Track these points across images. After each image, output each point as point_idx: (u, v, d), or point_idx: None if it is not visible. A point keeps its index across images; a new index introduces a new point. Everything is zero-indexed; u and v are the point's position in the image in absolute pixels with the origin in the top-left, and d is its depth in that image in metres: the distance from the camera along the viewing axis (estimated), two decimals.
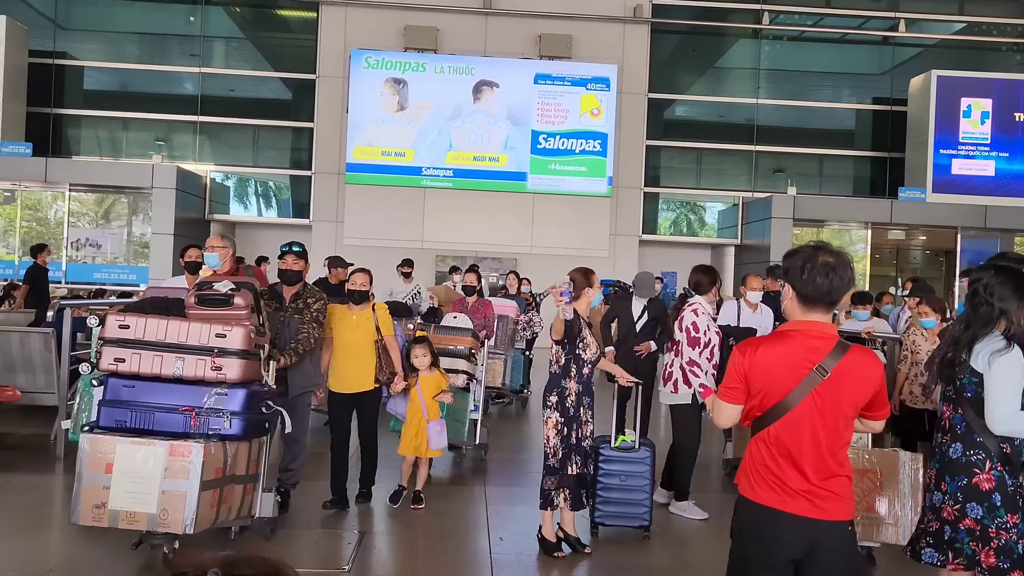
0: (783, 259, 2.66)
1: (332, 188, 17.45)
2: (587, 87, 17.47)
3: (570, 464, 4.63)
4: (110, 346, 4.13)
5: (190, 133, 18.15)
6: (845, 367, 2.46)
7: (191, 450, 3.85)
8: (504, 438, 8.20)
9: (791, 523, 2.47)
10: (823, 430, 2.48)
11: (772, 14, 18.70)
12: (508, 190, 17.37)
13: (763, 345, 2.56)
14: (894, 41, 18.97)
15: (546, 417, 4.67)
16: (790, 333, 2.56)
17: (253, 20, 19.23)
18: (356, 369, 5.33)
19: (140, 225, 17.57)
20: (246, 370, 4.16)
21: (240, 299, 4.33)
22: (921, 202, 16.96)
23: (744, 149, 18.87)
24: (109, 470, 3.84)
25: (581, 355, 4.67)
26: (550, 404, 4.66)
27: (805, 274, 2.51)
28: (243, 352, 4.14)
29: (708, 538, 5.22)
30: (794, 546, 2.47)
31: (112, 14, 18.59)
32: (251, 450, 4.27)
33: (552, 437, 4.63)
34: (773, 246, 16.27)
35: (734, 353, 2.61)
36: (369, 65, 17.19)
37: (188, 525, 3.80)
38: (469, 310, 7.56)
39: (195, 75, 18.09)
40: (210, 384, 4.08)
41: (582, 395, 4.68)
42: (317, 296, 5.19)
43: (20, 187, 16.76)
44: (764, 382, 2.50)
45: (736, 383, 2.58)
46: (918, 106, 17.87)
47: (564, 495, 4.62)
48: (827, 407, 2.47)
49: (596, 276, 4.84)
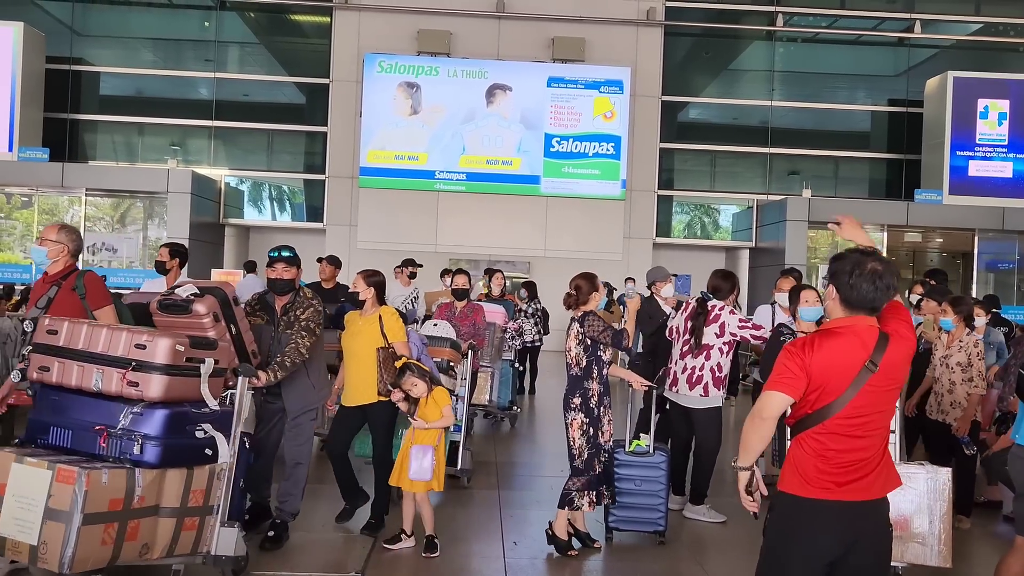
0: (830, 261, 2.71)
1: (346, 192, 17.49)
2: (600, 90, 17.44)
3: (596, 464, 4.72)
4: (38, 353, 3.74)
5: (205, 138, 18.25)
6: (890, 359, 2.55)
7: (74, 477, 3.30)
8: (514, 443, 8.18)
9: (841, 511, 2.54)
10: (874, 421, 2.58)
11: (786, 16, 18.61)
12: (521, 193, 17.36)
13: (819, 343, 2.57)
14: (910, 42, 18.83)
15: (570, 419, 4.73)
16: (839, 331, 2.60)
17: (267, 25, 19.33)
18: (358, 380, 4.95)
19: (155, 229, 17.68)
20: (169, 388, 3.60)
21: (200, 306, 3.91)
22: (938, 204, 16.82)
23: (758, 151, 18.78)
24: (2, 491, 3.41)
25: (602, 356, 4.77)
26: (574, 406, 4.71)
27: (851, 279, 2.57)
28: (166, 367, 3.58)
29: (723, 544, 5.18)
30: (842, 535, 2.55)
31: (128, 20, 18.74)
32: (189, 479, 3.67)
33: (578, 439, 4.69)
34: (788, 249, 16.18)
35: (787, 353, 2.61)
36: (382, 69, 17.23)
37: (65, 563, 3.24)
38: (457, 316, 6.82)
39: (210, 80, 18.20)
40: (129, 402, 3.61)
41: (603, 395, 4.76)
42: (306, 304, 4.64)
43: (37, 192, 16.92)
44: (822, 380, 2.54)
45: (796, 376, 2.55)
46: (934, 107, 17.72)
47: (589, 497, 4.69)
48: (878, 398, 2.56)
49: (600, 280, 4.96)
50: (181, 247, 6.20)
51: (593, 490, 4.70)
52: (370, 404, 4.91)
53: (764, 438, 2.62)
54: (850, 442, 2.55)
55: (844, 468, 2.55)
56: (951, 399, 5.58)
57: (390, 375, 4.82)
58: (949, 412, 5.58)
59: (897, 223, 17.01)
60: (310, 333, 4.56)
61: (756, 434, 2.61)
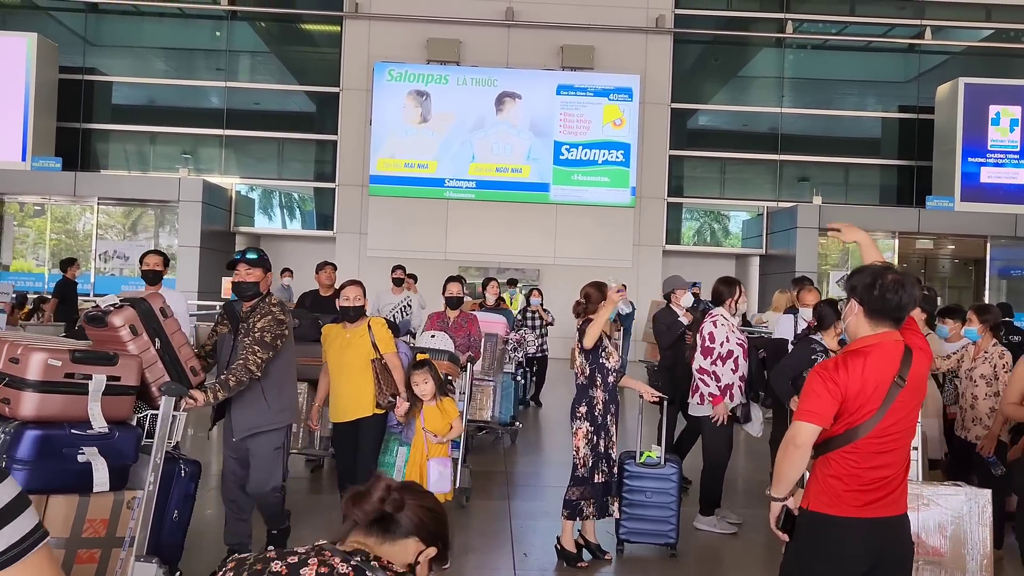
0: (849, 276, 2.72)
1: (356, 200, 17.54)
2: (609, 97, 17.45)
3: (597, 473, 4.69)
4: None
5: (216, 146, 18.35)
6: (915, 372, 2.57)
7: None
8: (523, 452, 8.16)
9: (871, 528, 2.54)
10: (901, 437, 2.59)
11: (796, 23, 18.59)
12: (531, 201, 17.37)
13: (852, 365, 2.55)
14: (920, 48, 18.77)
15: (576, 428, 4.73)
16: (868, 349, 2.59)
17: (278, 34, 19.44)
18: (351, 394, 4.77)
19: (167, 237, 17.77)
20: (43, 406, 3.25)
21: (116, 318, 3.61)
22: (950, 211, 16.74)
23: (768, 158, 18.74)
24: None
25: (605, 364, 4.76)
26: (580, 415, 4.72)
27: (876, 290, 2.57)
28: (39, 383, 3.24)
29: (737, 556, 5.15)
30: (870, 551, 2.54)
31: (140, 30, 18.87)
32: (83, 507, 3.34)
33: (582, 447, 4.68)
34: (798, 256, 16.13)
35: (819, 378, 2.57)
36: (392, 78, 17.30)
37: None
38: (450, 327, 6.41)
39: (221, 89, 18.30)
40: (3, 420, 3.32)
41: (608, 403, 4.75)
42: (264, 311, 4.21)
43: (50, 200, 17.05)
44: (857, 402, 2.53)
45: (828, 404, 2.53)
46: (945, 114, 17.65)
47: (592, 506, 4.68)
48: (906, 414, 2.58)
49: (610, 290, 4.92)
50: (167, 256, 5.84)
51: (596, 499, 4.68)
52: (365, 418, 4.80)
53: (798, 467, 2.57)
54: (879, 459, 2.55)
55: (873, 486, 2.55)
56: (973, 415, 5.19)
57: (389, 387, 4.73)
58: (971, 428, 5.20)
59: (908, 230, 16.93)
60: (264, 347, 4.09)
61: (789, 462, 2.56)
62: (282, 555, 1.60)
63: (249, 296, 4.28)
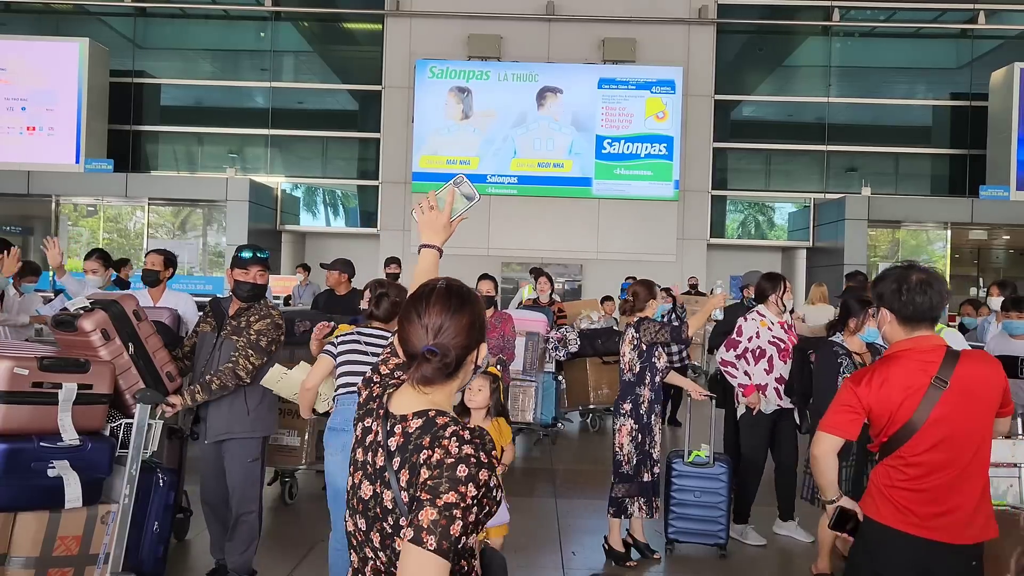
0: (873, 285, 2.63)
1: (399, 197, 17.66)
2: (652, 90, 17.29)
3: (644, 471, 4.68)
4: None
5: (262, 146, 18.62)
6: (964, 374, 2.41)
7: None
8: (571, 450, 8.16)
9: (920, 548, 2.42)
10: (960, 447, 2.42)
11: (843, 10, 18.21)
12: (573, 196, 17.31)
13: (878, 373, 2.49)
14: (973, 33, 18.25)
15: (619, 425, 4.73)
16: (899, 354, 2.52)
17: (321, 34, 19.63)
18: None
19: (215, 235, 18.10)
20: (8, 418, 3.05)
21: (86, 322, 3.42)
22: (1005, 200, 16.28)
23: (815, 149, 18.41)
24: None
25: (656, 363, 4.74)
26: (624, 411, 4.71)
27: (904, 295, 2.49)
28: (5, 394, 3.04)
29: (790, 557, 5.08)
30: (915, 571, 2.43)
31: (187, 32, 19.21)
32: (54, 524, 3.15)
33: (626, 444, 4.70)
34: (847, 249, 15.84)
35: (845, 389, 2.55)
36: (434, 75, 17.36)
37: None
38: None
39: (266, 89, 18.56)
40: None
41: (653, 403, 4.73)
42: (264, 313, 3.96)
43: (102, 201, 17.48)
44: (887, 409, 2.45)
45: (853, 414, 2.49)
46: (1000, 100, 17.15)
47: (639, 503, 4.67)
48: (958, 419, 2.41)
49: (658, 288, 4.90)
50: (173, 254, 5.24)
51: (644, 497, 4.67)
52: None
53: (825, 474, 2.55)
54: (935, 474, 2.42)
55: (924, 497, 2.43)
56: None
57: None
58: None
59: (961, 220, 16.50)
60: (258, 352, 3.84)
61: (817, 471, 2.58)
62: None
63: (251, 298, 4.00)
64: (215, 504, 4.16)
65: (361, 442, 1.71)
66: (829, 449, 2.53)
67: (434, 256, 2.25)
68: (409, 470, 1.57)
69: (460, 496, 1.49)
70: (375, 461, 1.65)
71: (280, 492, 5.80)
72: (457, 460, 1.52)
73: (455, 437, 1.56)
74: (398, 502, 1.57)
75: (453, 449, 1.54)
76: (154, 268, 4.90)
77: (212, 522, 4.24)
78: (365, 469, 1.67)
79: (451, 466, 1.52)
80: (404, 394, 1.70)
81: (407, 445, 1.60)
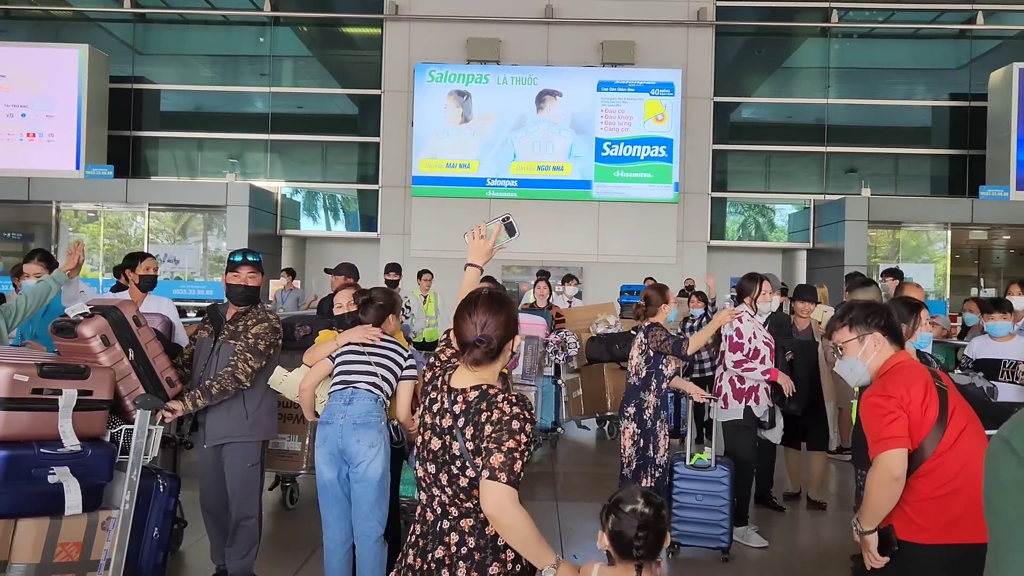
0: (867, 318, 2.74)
1: (399, 201, 17.67)
2: (651, 93, 17.30)
3: (644, 476, 4.65)
4: None
5: (261, 151, 18.64)
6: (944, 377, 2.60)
7: None
8: (575, 452, 8.14)
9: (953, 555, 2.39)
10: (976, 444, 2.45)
11: (841, 11, 18.22)
12: (573, 199, 17.31)
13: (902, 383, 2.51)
14: (972, 34, 18.26)
15: (623, 427, 4.74)
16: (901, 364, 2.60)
17: (320, 38, 19.65)
18: None
19: (215, 240, 18.12)
20: (9, 425, 3.04)
21: (86, 328, 3.41)
22: (1005, 200, 16.28)
23: (814, 151, 18.41)
24: None
25: (663, 369, 4.72)
26: (628, 414, 4.74)
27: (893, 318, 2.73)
28: (5, 401, 3.02)
29: (794, 559, 5.07)
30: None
31: (186, 38, 19.23)
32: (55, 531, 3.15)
33: (628, 447, 4.69)
34: (847, 250, 15.84)
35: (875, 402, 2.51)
36: (433, 79, 17.37)
37: None
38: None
39: (265, 94, 18.58)
40: None
41: (659, 409, 4.71)
42: (261, 316, 4.01)
43: (103, 207, 17.49)
44: (915, 417, 2.47)
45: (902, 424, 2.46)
46: (999, 101, 17.15)
47: None
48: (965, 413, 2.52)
49: (671, 292, 4.87)
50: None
51: None
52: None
53: (895, 500, 2.47)
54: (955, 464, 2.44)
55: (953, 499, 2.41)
56: None
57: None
58: None
59: (961, 221, 16.50)
60: (257, 356, 3.89)
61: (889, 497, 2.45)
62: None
63: (247, 302, 4.03)
64: (215, 509, 4.16)
65: (428, 409, 2.28)
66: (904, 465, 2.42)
67: (476, 273, 2.79)
68: (473, 427, 2.14)
69: (517, 443, 2.09)
70: (442, 423, 2.21)
71: (281, 497, 5.82)
72: (511, 417, 2.11)
73: (506, 402, 2.15)
74: (463, 451, 2.15)
75: (506, 409, 2.13)
76: (154, 272, 5.07)
77: (212, 527, 4.23)
78: (434, 429, 2.24)
79: (507, 422, 2.10)
80: (461, 373, 2.26)
81: (469, 410, 2.17)
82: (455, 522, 2.20)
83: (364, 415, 3.73)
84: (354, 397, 3.75)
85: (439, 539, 2.22)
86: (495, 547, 2.19)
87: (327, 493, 3.79)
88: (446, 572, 2.20)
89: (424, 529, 2.28)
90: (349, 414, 3.71)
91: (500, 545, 2.20)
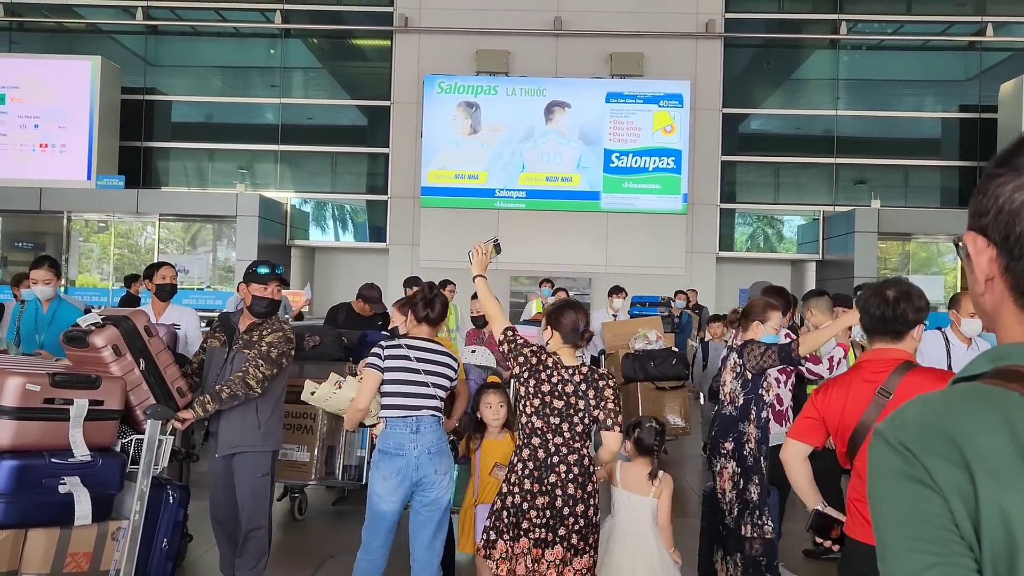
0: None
1: (408, 212, 17.71)
2: (660, 104, 17.32)
3: (744, 525, 3.90)
4: None
5: (271, 162, 18.73)
6: (910, 386, 2.42)
7: None
8: None
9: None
10: None
11: (850, 23, 18.23)
12: (581, 210, 17.32)
13: (833, 382, 2.68)
14: (981, 46, 18.24)
15: (719, 468, 4.02)
16: (858, 363, 2.68)
17: (330, 50, 19.77)
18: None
19: (224, 250, 18.19)
20: (20, 434, 3.03)
21: (98, 338, 3.42)
22: None
23: (824, 162, 18.39)
24: None
25: (763, 395, 4.04)
26: (725, 451, 3.98)
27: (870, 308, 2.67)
28: (16, 410, 3.01)
29: None
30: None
31: (197, 50, 19.38)
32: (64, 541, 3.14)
33: (728, 491, 3.95)
34: (857, 261, 15.78)
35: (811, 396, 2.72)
36: (442, 90, 17.44)
37: None
38: (486, 341, 6.05)
39: (276, 106, 18.68)
40: None
41: (761, 443, 3.99)
42: (275, 327, 4.00)
43: (114, 217, 17.60)
44: (838, 415, 2.55)
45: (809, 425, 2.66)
46: (1009, 112, 17.10)
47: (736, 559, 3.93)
48: None
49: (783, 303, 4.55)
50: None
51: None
52: None
53: (797, 481, 2.69)
54: None
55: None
56: None
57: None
58: None
59: None
60: (269, 363, 3.86)
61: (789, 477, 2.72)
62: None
63: (268, 314, 4.04)
64: (224, 519, 4.15)
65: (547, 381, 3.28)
66: (794, 454, 2.69)
67: (485, 282, 3.75)
68: (594, 390, 3.28)
69: (616, 403, 3.32)
70: (564, 389, 3.27)
71: (289, 508, 5.80)
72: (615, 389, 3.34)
73: (604, 375, 3.36)
74: (587, 406, 3.27)
75: (608, 381, 3.33)
76: (175, 282, 5.18)
77: (221, 538, 4.22)
78: (553, 394, 3.27)
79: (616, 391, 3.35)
80: (567, 355, 3.37)
81: (587, 378, 3.30)
82: (564, 457, 3.24)
83: (437, 443, 3.63)
84: (420, 424, 3.61)
85: (552, 469, 3.23)
86: (589, 472, 3.29)
87: (385, 522, 3.63)
88: (559, 489, 3.22)
89: (536, 464, 3.25)
90: (421, 444, 3.58)
91: (592, 471, 3.31)
